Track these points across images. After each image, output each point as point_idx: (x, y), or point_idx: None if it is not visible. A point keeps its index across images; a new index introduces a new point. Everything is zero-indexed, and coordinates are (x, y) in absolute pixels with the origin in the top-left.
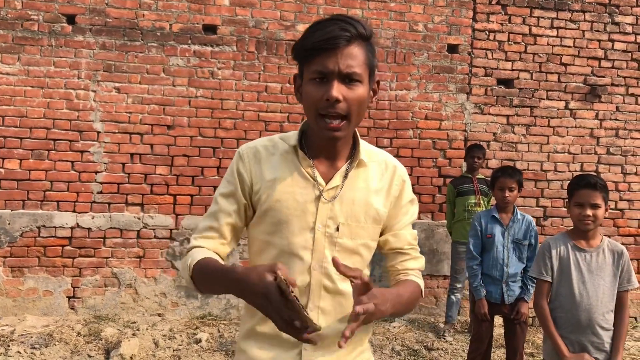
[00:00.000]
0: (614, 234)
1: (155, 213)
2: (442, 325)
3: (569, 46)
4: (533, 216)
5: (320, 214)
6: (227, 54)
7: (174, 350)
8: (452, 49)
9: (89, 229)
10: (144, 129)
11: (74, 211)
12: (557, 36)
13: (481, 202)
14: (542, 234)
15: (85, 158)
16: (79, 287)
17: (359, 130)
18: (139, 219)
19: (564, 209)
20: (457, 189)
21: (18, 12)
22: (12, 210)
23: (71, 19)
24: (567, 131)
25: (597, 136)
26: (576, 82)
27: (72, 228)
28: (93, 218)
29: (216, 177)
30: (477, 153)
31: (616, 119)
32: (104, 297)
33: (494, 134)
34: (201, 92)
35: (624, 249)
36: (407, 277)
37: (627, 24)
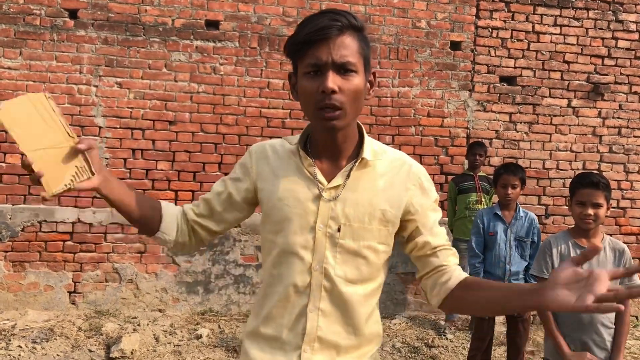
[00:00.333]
0: (615, 232)
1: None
2: (442, 323)
3: (572, 44)
4: (535, 214)
5: (321, 213)
6: (229, 50)
7: (174, 346)
8: (455, 46)
9: (90, 224)
10: (146, 124)
11: (75, 206)
12: (560, 34)
13: (482, 199)
14: (543, 232)
15: None
16: (80, 282)
17: None
18: None
19: (566, 207)
20: (459, 186)
21: (20, 6)
22: (13, 204)
23: (73, 13)
24: (570, 129)
25: (599, 134)
26: (579, 80)
27: (73, 223)
28: (94, 213)
29: (217, 173)
30: (478, 150)
31: (619, 117)
32: (104, 292)
33: (497, 131)
34: (203, 88)
35: (626, 247)
36: (457, 272)
37: (630, 21)
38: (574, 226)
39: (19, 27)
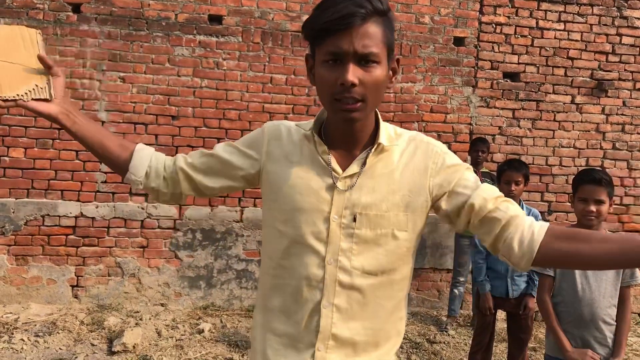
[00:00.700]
0: (618, 229)
1: (159, 203)
2: (444, 319)
3: (576, 40)
4: (538, 210)
5: (335, 203)
6: (232, 45)
7: (176, 340)
8: (459, 41)
9: (93, 218)
10: (149, 119)
11: (78, 200)
12: (564, 30)
13: None
14: None
15: None
16: (82, 276)
17: None
18: (142, 208)
19: (569, 203)
20: None
21: (24, 0)
22: (16, 198)
23: (76, 8)
24: (573, 126)
25: (603, 131)
26: (583, 77)
27: (76, 217)
28: (97, 207)
29: None
30: (481, 147)
31: (623, 114)
32: (107, 287)
33: (500, 127)
34: (206, 83)
35: None
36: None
37: (635, 18)
38: (576, 222)
39: (22, 21)
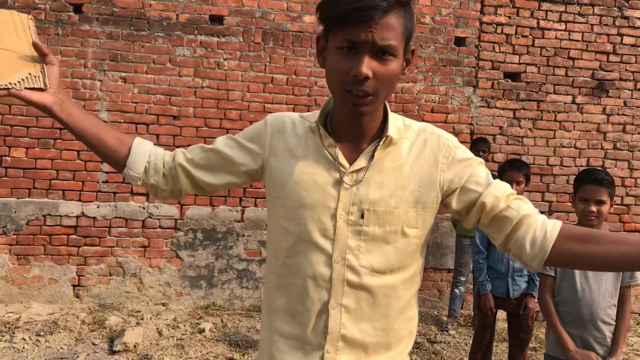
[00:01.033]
0: (619, 229)
1: (160, 203)
2: (445, 319)
3: (577, 40)
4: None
5: (342, 199)
6: (233, 45)
7: (177, 340)
8: (459, 41)
9: (94, 218)
10: (150, 119)
11: (79, 200)
12: (565, 30)
13: None
14: None
15: None
16: (84, 276)
17: None
18: (144, 208)
19: (570, 203)
20: None
21: (25, 0)
22: (18, 198)
23: (78, 8)
24: (574, 126)
25: (604, 131)
26: (584, 77)
27: (77, 217)
28: (98, 207)
29: None
30: (481, 146)
31: (624, 114)
32: (108, 286)
33: (500, 127)
34: (207, 83)
35: None
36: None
37: (636, 18)
38: (577, 223)
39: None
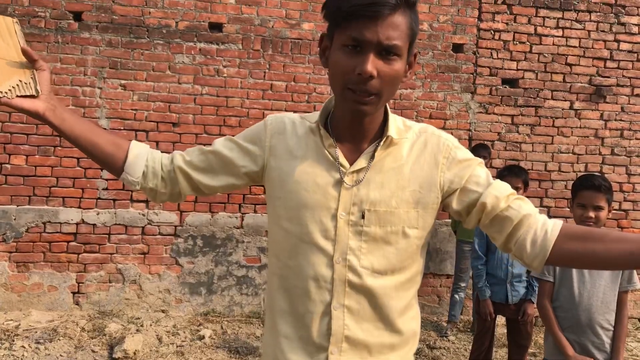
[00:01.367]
0: None
1: (160, 210)
2: (444, 324)
3: (574, 46)
4: None
5: (342, 200)
6: (232, 52)
7: (177, 347)
8: (457, 48)
9: (94, 225)
10: (150, 126)
11: (79, 207)
12: (562, 36)
13: None
14: None
15: None
16: (83, 283)
17: None
18: (143, 215)
19: (568, 209)
20: None
21: (25, 8)
22: (17, 205)
23: (78, 15)
24: (572, 131)
25: (601, 137)
26: (581, 83)
27: (77, 224)
28: (98, 214)
29: None
30: (482, 153)
31: (621, 120)
32: (108, 293)
33: (499, 133)
34: (206, 90)
35: None
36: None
37: (633, 24)
38: None
39: (23, 29)
